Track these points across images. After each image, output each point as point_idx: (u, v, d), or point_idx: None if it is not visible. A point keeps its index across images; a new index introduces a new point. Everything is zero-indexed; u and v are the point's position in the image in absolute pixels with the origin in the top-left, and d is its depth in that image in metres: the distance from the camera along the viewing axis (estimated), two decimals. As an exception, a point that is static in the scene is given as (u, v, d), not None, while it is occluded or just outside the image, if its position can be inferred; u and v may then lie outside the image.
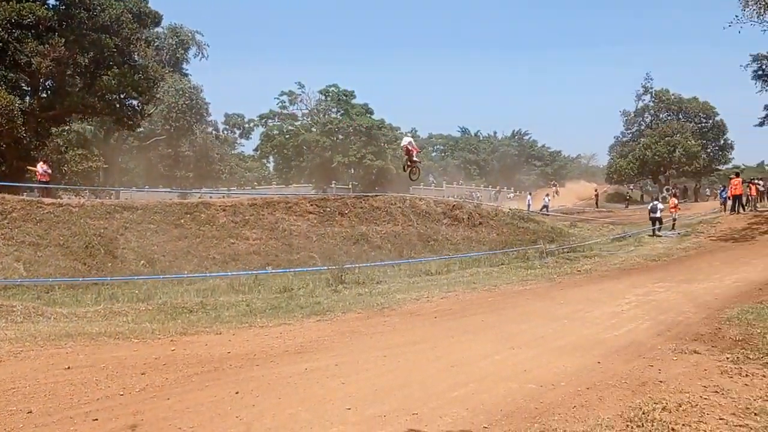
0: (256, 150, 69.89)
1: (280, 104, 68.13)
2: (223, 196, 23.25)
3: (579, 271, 14.79)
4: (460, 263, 16.19)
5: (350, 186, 55.39)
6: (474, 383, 5.79)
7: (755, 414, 4.92)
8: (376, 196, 22.90)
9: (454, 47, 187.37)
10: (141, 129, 45.24)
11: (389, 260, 16.13)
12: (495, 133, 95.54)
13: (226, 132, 69.12)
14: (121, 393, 5.59)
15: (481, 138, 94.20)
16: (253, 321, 8.99)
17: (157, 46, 48.22)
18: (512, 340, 7.51)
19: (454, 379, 5.95)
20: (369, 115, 64.74)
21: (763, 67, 58.11)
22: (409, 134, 29.78)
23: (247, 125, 70.53)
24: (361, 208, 20.94)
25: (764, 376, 5.92)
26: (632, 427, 4.61)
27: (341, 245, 17.87)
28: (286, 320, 9.02)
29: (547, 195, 45.20)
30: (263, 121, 68.80)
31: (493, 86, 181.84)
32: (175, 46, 52.96)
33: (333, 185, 52.35)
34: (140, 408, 5.17)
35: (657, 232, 23.60)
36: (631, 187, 64.20)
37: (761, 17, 24.61)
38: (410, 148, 19.68)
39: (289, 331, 8.31)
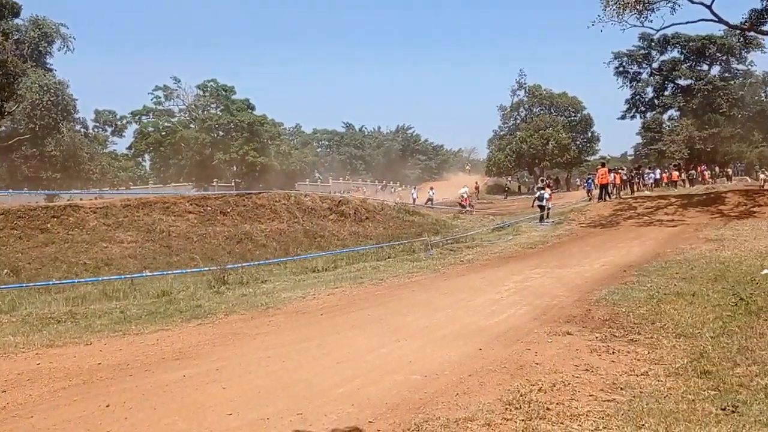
0: (129, 148, 66.37)
1: (155, 100, 64.84)
2: (95, 198, 21.83)
3: (462, 261, 15.17)
4: (347, 258, 16.17)
5: (233, 184, 53.96)
6: (360, 378, 5.77)
7: (621, 388, 5.24)
8: (260, 193, 22.42)
9: (336, 42, 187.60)
10: (2, 128, 41.72)
11: (275, 258, 15.81)
12: (379, 128, 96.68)
13: (96, 130, 64.95)
14: (-22, 415, 5.09)
15: (366, 133, 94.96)
16: (127, 328, 8.48)
17: (17, 39, 44.56)
18: (398, 333, 7.56)
19: (341, 375, 5.90)
20: (250, 111, 63.24)
21: (624, 64, 62.79)
22: (466, 186, 39.08)
23: (119, 122, 66.76)
24: (244, 206, 20.42)
25: (628, 352, 6.33)
26: (511, 410, 4.75)
27: (224, 245, 17.32)
28: (163, 326, 8.59)
29: (431, 188, 46.23)
30: (137, 117, 65.32)
31: (377, 82, 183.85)
32: (37, 39, 49.05)
33: (214, 183, 50.70)
34: (0, 429, 4.73)
35: (544, 219, 24.74)
36: (510, 179, 67.13)
37: (620, 17, 26.44)
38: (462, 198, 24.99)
39: (167, 337, 7.91)
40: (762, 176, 38.63)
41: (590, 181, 34.21)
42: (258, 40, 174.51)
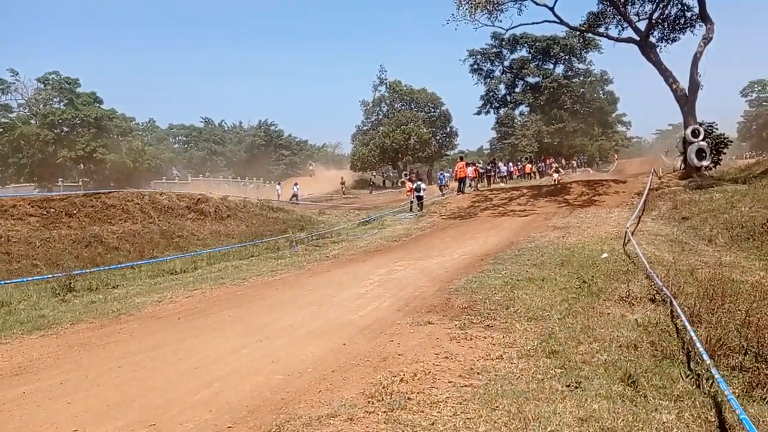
0: (-37, 147, 59.98)
1: (-10, 94, 59.10)
2: None
3: (327, 256, 15.13)
4: (208, 259, 15.58)
5: (80, 183, 50.42)
6: (219, 382, 5.54)
7: (478, 373, 5.44)
8: (110, 192, 20.98)
9: (192, 34, 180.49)
10: None
11: (128, 262, 14.87)
12: (240, 123, 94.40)
13: (-76, 128, 58.12)
14: None
15: (226, 128, 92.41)
16: (-42, 346, 7.61)
17: None
18: (260, 332, 7.37)
19: (198, 380, 5.64)
20: (98, 105, 59.36)
21: (478, 61, 65.89)
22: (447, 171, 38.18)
23: (-50, 120, 60.14)
24: (93, 206, 19.03)
25: (485, 337, 6.59)
26: (373, 402, 4.78)
27: (70, 249, 16.01)
28: (1, 339, 7.79)
29: (296, 184, 45.93)
30: (-31, 114, 59.22)
31: (235, 76, 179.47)
32: None
33: (59, 183, 47.10)
34: None
35: (419, 210, 25.51)
36: (374, 174, 68.23)
37: (473, 16, 27.62)
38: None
39: (5, 351, 7.18)
40: (556, 175, 38.19)
41: (442, 176, 35.01)
42: (104, 30, 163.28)
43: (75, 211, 18.28)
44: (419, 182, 27.68)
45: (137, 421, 4.68)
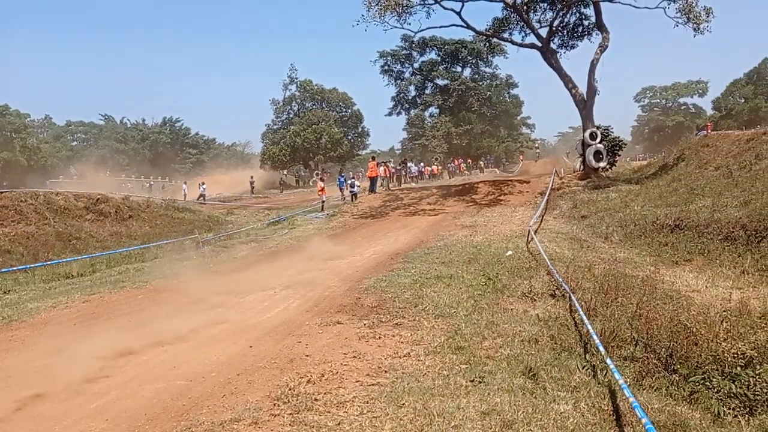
0: None
1: None
2: None
3: (235, 257, 14.82)
4: (108, 261, 14.88)
5: (-30, 183, 47.23)
6: (117, 390, 5.30)
7: (386, 371, 5.47)
8: (2, 192, 19.64)
9: (90, 25, 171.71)
10: None
11: (21, 265, 13.99)
12: (144, 120, 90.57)
13: None
14: None
15: (129, 125, 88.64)
16: None
17: None
18: (162, 337, 7.08)
19: (94, 389, 5.37)
20: (-11, 100, 55.86)
21: (388, 63, 66.58)
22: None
23: None
24: (-18, 208, 17.82)
25: (393, 336, 6.64)
26: (279, 405, 4.71)
27: (-43, 253, 14.95)
28: None
29: (203, 184, 44.68)
30: None
31: (137, 71, 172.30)
32: None
33: (-54, 183, 43.90)
34: None
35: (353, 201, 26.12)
36: (285, 173, 67.45)
37: (382, 18, 27.75)
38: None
39: None
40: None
41: (342, 179, 33.89)
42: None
43: (-38, 213, 17.03)
44: (353, 179, 28.26)
45: (26, 435, 4.41)
